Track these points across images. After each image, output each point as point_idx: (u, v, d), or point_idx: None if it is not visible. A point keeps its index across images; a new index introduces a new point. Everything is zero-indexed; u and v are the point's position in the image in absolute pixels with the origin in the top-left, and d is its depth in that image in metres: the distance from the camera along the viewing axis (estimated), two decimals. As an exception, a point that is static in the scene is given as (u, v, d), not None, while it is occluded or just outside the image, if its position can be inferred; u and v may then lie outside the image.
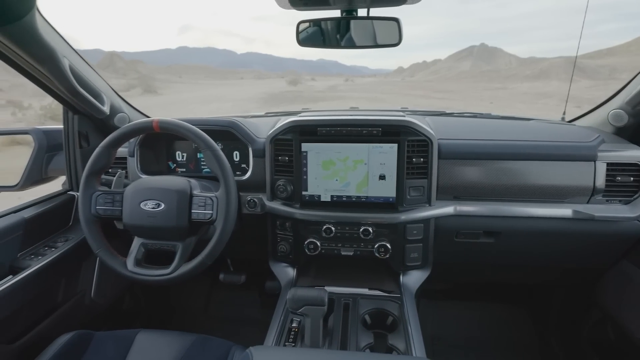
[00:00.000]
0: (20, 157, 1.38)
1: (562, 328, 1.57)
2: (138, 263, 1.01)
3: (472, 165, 1.15)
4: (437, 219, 1.16)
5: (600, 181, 1.10)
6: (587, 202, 1.13)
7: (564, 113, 1.54)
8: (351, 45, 1.06)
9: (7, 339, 0.99)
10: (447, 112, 1.58)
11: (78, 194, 1.30)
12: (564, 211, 1.12)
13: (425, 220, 1.15)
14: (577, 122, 1.46)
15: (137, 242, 1.04)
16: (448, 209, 1.14)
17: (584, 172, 1.11)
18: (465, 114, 1.55)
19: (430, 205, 1.14)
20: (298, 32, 1.05)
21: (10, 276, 1.00)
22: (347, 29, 1.02)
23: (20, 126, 1.60)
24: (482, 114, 1.56)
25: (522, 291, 1.72)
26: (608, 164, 1.10)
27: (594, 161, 1.10)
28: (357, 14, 1.01)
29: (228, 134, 1.23)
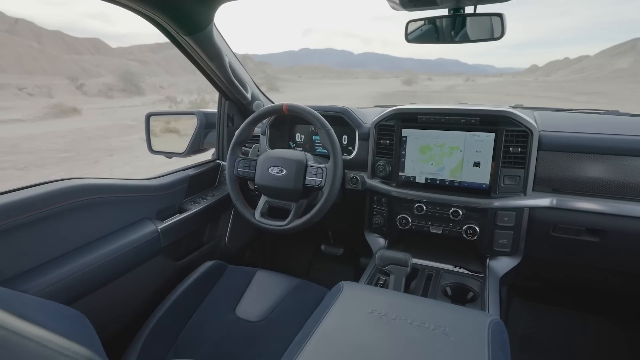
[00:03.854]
0: (173, 141, 1.82)
1: None
2: (263, 215, 1.30)
3: (580, 159, 1.12)
4: (533, 209, 1.16)
5: None
6: None
7: None
8: (462, 39, 1.14)
9: (175, 258, 1.38)
10: (564, 108, 1.51)
11: (223, 162, 1.68)
12: None
13: (519, 209, 1.16)
14: None
15: (263, 199, 1.33)
16: (544, 201, 1.14)
17: None
18: (587, 110, 1.46)
19: (525, 195, 1.15)
20: (406, 31, 1.18)
21: (179, 214, 1.39)
22: (452, 25, 1.11)
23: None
24: (607, 110, 1.44)
25: (632, 304, 1.53)
26: None
27: None
28: (464, 11, 1.10)
29: (339, 120, 1.44)
